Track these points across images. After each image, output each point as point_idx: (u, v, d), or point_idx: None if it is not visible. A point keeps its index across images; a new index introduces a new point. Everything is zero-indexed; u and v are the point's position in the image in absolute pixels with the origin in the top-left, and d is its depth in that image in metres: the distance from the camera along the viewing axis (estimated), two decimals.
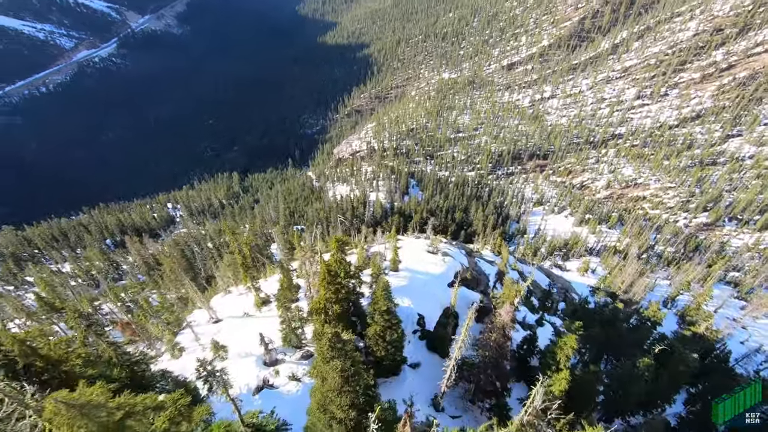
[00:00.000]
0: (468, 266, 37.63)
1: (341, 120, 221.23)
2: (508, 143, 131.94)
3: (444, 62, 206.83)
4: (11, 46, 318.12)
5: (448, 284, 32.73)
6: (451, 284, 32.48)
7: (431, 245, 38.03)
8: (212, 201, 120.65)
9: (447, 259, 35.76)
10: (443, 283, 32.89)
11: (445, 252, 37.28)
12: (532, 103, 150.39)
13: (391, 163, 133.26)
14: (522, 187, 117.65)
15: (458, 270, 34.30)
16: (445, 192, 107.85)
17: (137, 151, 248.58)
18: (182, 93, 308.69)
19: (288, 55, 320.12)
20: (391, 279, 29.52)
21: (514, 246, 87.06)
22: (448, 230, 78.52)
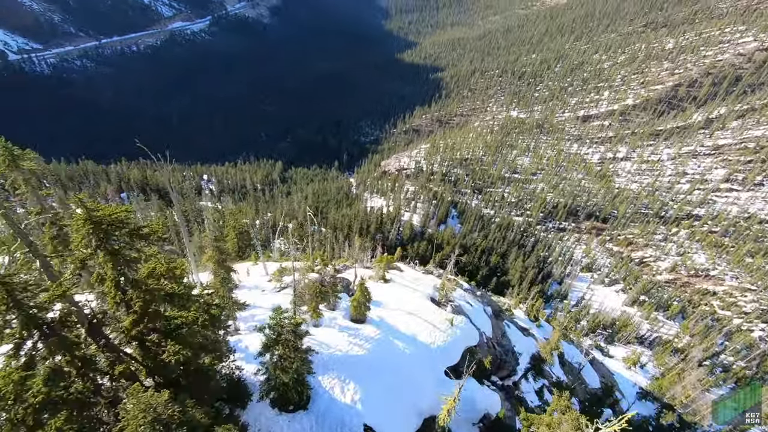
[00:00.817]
0: (490, 336, 27.02)
1: (397, 135, 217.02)
2: (567, 196, 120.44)
3: (515, 100, 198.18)
4: (119, 5, 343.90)
5: (446, 369, 20.96)
6: (453, 370, 21.06)
7: (440, 291, 26.85)
8: (246, 183, 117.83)
9: (458, 320, 24.21)
10: (437, 365, 20.94)
11: (457, 307, 26.15)
12: (602, 160, 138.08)
13: (435, 187, 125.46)
14: (572, 246, 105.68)
15: (471, 345, 23.49)
16: (485, 231, 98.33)
17: (198, 120, 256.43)
18: (254, 77, 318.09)
19: (361, 63, 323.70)
20: (339, 338, 19.38)
21: (551, 309, 75.92)
22: (479, 273, 69.23)
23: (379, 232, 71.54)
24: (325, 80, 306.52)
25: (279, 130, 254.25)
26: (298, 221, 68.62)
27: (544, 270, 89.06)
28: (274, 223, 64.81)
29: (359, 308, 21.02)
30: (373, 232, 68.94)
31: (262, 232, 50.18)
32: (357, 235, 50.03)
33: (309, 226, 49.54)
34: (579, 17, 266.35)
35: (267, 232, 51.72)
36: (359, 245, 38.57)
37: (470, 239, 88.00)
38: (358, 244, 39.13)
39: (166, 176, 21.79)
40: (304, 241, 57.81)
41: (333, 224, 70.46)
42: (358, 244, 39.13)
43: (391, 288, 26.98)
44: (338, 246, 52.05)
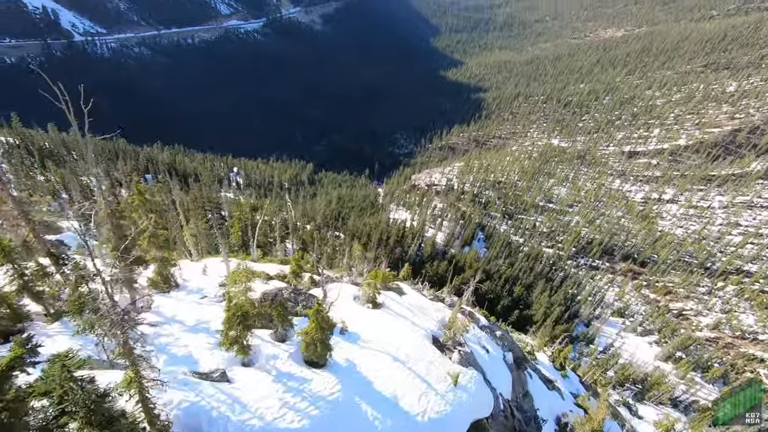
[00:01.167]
0: (509, 398, 20.91)
1: (431, 151, 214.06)
2: (603, 233, 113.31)
3: (558, 128, 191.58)
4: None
5: None
6: None
7: (447, 329, 20.64)
8: (274, 180, 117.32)
9: (465, 377, 17.23)
10: None
11: (467, 356, 19.47)
12: (646, 200, 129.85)
13: (464, 207, 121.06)
14: (604, 287, 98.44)
15: (481, 418, 16.91)
16: (511, 259, 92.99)
17: (240, 116, 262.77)
18: (298, 80, 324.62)
19: (404, 77, 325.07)
20: (270, 392, 13.29)
21: (575, 353, 69.78)
22: (500, 303, 64.36)
23: (399, 246, 67.99)
24: (367, 90, 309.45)
25: (315, 133, 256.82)
26: (315, 224, 66.27)
27: (571, 309, 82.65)
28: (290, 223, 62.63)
29: (313, 347, 14.54)
30: (392, 245, 65.49)
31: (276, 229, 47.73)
32: (357, 242, 46.47)
33: (291, 221, 46.31)
34: (634, 51, 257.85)
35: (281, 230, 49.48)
36: (359, 254, 34.08)
37: (495, 265, 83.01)
38: (357, 251, 34.50)
39: (87, 147, 17.51)
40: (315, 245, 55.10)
41: (352, 231, 67.53)
42: (357, 251, 34.50)
43: (381, 317, 19.99)
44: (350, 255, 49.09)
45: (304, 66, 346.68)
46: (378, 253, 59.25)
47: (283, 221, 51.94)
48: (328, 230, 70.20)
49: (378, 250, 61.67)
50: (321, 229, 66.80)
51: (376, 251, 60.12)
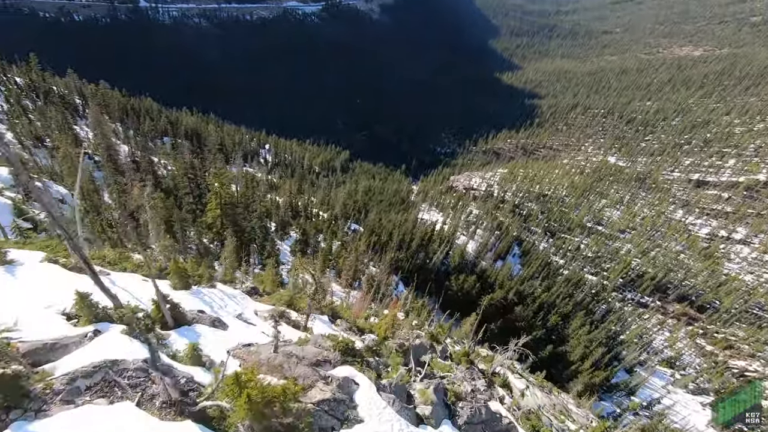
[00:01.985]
0: None
1: (474, 154, 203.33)
2: (658, 268, 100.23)
3: (616, 145, 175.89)
4: None
5: None
6: None
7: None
8: (304, 162, 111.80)
9: None
10: None
11: None
12: (711, 237, 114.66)
13: (502, 217, 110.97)
14: (652, 330, 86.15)
15: None
16: (549, 282, 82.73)
17: (284, 95, 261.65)
18: (348, 67, 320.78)
19: (458, 75, 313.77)
20: None
21: (610, 402, 59.56)
22: (533, 332, 55.11)
23: (423, 251, 59.98)
24: (417, 84, 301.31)
25: (358, 122, 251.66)
26: (332, 213, 59.51)
27: (613, 350, 71.71)
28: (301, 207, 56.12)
29: None
30: (415, 249, 57.55)
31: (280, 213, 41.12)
32: (365, 245, 39.16)
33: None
34: (713, 73, 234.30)
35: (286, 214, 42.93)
36: (352, 263, 26.05)
37: (529, 286, 73.30)
38: (352, 257, 26.42)
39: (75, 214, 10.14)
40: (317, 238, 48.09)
41: (371, 226, 60.15)
42: (352, 257, 26.42)
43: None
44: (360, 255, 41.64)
45: (356, 54, 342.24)
46: (395, 257, 51.71)
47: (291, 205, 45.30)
48: (346, 222, 63.25)
49: (397, 253, 54.10)
50: (338, 219, 60.02)
51: (395, 254, 52.56)
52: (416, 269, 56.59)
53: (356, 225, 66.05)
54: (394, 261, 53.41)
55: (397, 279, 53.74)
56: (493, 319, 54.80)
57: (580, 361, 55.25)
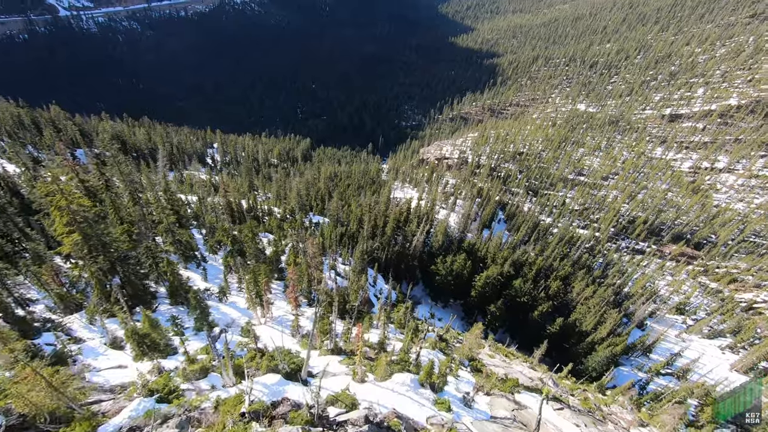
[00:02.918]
0: None
1: (442, 122, 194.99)
2: (648, 210, 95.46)
3: (584, 92, 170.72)
4: None
5: None
6: None
7: None
8: (258, 156, 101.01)
9: None
10: None
11: None
12: (695, 170, 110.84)
13: (481, 183, 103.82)
14: (654, 277, 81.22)
15: None
16: (541, 243, 76.29)
17: (234, 91, 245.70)
18: (299, 53, 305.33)
19: (411, 46, 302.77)
20: None
21: (629, 369, 53.72)
22: (537, 308, 48.11)
23: (399, 234, 51.70)
24: (372, 60, 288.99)
25: (317, 107, 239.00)
26: (286, 208, 50.58)
27: (621, 306, 66.03)
28: (248, 207, 46.77)
29: None
30: (390, 234, 49.17)
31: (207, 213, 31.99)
32: (330, 239, 31.46)
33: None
34: (666, 6, 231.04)
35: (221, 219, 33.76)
36: (302, 271, 21.86)
37: (522, 253, 66.38)
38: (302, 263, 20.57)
39: None
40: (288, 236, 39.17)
41: (335, 214, 51.38)
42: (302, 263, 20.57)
43: None
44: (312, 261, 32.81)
45: (305, 38, 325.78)
46: (368, 248, 43.32)
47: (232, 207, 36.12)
48: (306, 215, 54.29)
49: (370, 242, 45.66)
50: (294, 213, 50.96)
51: (367, 244, 44.14)
52: (395, 258, 48.50)
53: (320, 217, 57.21)
54: (368, 252, 45.15)
55: (372, 274, 45.73)
56: (492, 299, 47.65)
57: (594, 329, 48.80)
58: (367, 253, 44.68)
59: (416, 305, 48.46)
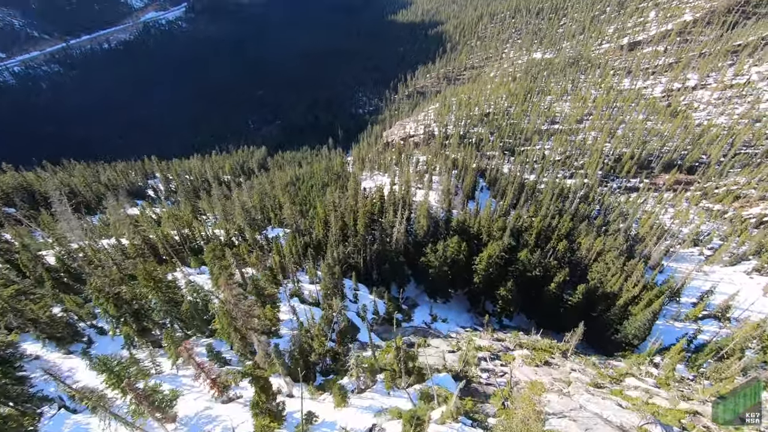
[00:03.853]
0: None
1: (400, 102, 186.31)
2: (632, 144, 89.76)
3: (536, 41, 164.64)
4: (85, 2, 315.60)
5: None
6: None
7: None
8: (208, 176, 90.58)
9: None
10: None
11: None
12: (667, 93, 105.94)
13: (454, 154, 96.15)
14: (658, 212, 75.44)
15: None
16: (533, 204, 69.23)
17: (176, 114, 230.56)
18: (240, 62, 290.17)
19: (352, 32, 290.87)
20: None
21: (663, 321, 47.19)
22: (554, 278, 40.74)
23: (375, 229, 43.20)
24: (317, 56, 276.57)
25: (268, 114, 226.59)
26: (233, 227, 41.67)
27: (633, 251, 59.69)
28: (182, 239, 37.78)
29: None
30: (364, 231, 40.57)
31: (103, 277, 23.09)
32: (290, 255, 23.23)
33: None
34: None
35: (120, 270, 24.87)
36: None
37: (516, 219, 59.07)
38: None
39: None
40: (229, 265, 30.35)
41: (291, 222, 42.57)
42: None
43: None
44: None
45: (240, 45, 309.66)
46: (339, 255, 34.99)
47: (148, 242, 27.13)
48: (258, 231, 45.26)
49: (343, 247, 37.27)
50: (241, 233, 41.86)
51: (337, 251, 35.77)
52: (376, 258, 40.30)
53: (279, 229, 48.25)
54: (341, 261, 36.85)
55: (351, 286, 37.51)
56: (499, 280, 40.12)
57: (620, 289, 41.80)
58: (339, 262, 36.34)
59: (413, 309, 40.55)
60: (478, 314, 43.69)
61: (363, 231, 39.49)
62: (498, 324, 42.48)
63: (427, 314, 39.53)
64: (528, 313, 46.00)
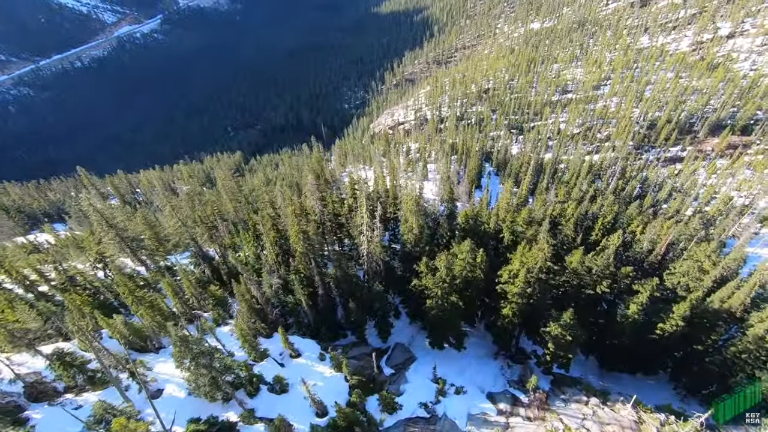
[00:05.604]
0: None
1: (387, 92, 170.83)
2: (666, 107, 73.86)
3: (532, 11, 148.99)
4: (53, 20, 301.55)
5: None
6: None
7: None
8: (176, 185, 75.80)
9: None
10: None
11: None
12: (697, 46, 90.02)
13: (451, 139, 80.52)
14: (715, 184, 59.37)
15: None
16: (559, 184, 53.63)
17: (153, 129, 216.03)
18: (220, 69, 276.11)
19: (333, 27, 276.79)
20: None
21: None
22: (629, 301, 24.87)
23: (336, 242, 26.84)
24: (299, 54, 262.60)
25: (249, 118, 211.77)
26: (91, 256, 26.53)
27: (708, 233, 43.82)
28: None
29: None
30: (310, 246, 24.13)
31: None
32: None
33: None
34: None
35: None
36: None
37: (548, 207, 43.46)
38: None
39: None
40: None
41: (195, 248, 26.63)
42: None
43: None
44: None
45: (219, 52, 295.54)
46: (272, 290, 19.71)
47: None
48: (164, 257, 29.96)
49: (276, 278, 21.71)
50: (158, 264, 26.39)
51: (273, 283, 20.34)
52: (339, 287, 24.62)
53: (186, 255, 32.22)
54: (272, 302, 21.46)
55: (281, 355, 22.00)
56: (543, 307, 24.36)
57: (743, 309, 26.07)
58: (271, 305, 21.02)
59: (402, 372, 24.75)
60: (512, 360, 28.03)
61: (306, 246, 23.77)
62: (543, 370, 26.82)
63: (427, 379, 23.60)
64: (589, 348, 30.37)
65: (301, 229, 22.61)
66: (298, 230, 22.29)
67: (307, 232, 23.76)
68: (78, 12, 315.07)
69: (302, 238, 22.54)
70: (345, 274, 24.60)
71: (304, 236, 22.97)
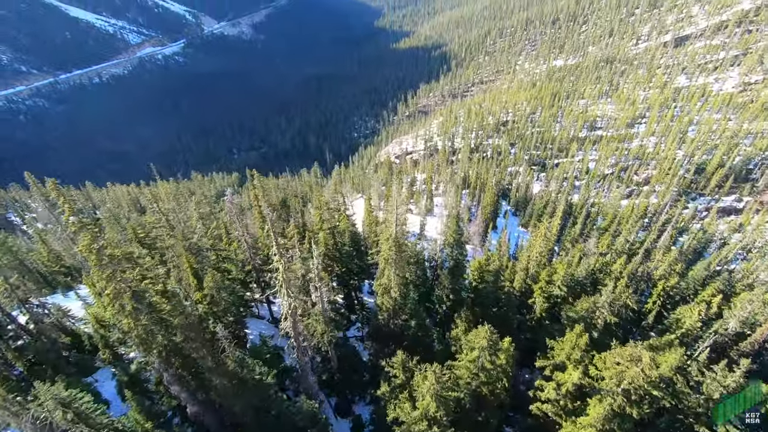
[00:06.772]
0: None
1: (399, 122, 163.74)
2: (718, 150, 63.28)
3: (555, 49, 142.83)
4: (78, 37, 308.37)
5: None
6: None
7: None
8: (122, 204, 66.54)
9: None
10: None
11: None
12: (745, 87, 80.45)
13: (462, 171, 70.48)
14: None
15: None
16: (600, 232, 42.68)
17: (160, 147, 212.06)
18: (234, 94, 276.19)
19: (351, 61, 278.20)
20: None
21: None
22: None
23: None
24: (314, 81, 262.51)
25: (256, 141, 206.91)
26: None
27: None
28: None
29: None
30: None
31: None
32: None
33: None
34: None
35: None
36: None
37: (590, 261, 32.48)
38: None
39: None
40: None
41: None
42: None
43: None
44: None
45: (240, 77, 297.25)
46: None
47: None
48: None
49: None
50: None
51: None
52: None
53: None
54: None
55: None
56: None
57: None
58: None
59: None
60: None
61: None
62: None
63: None
64: None
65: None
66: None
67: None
68: (104, 31, 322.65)
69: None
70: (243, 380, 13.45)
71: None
